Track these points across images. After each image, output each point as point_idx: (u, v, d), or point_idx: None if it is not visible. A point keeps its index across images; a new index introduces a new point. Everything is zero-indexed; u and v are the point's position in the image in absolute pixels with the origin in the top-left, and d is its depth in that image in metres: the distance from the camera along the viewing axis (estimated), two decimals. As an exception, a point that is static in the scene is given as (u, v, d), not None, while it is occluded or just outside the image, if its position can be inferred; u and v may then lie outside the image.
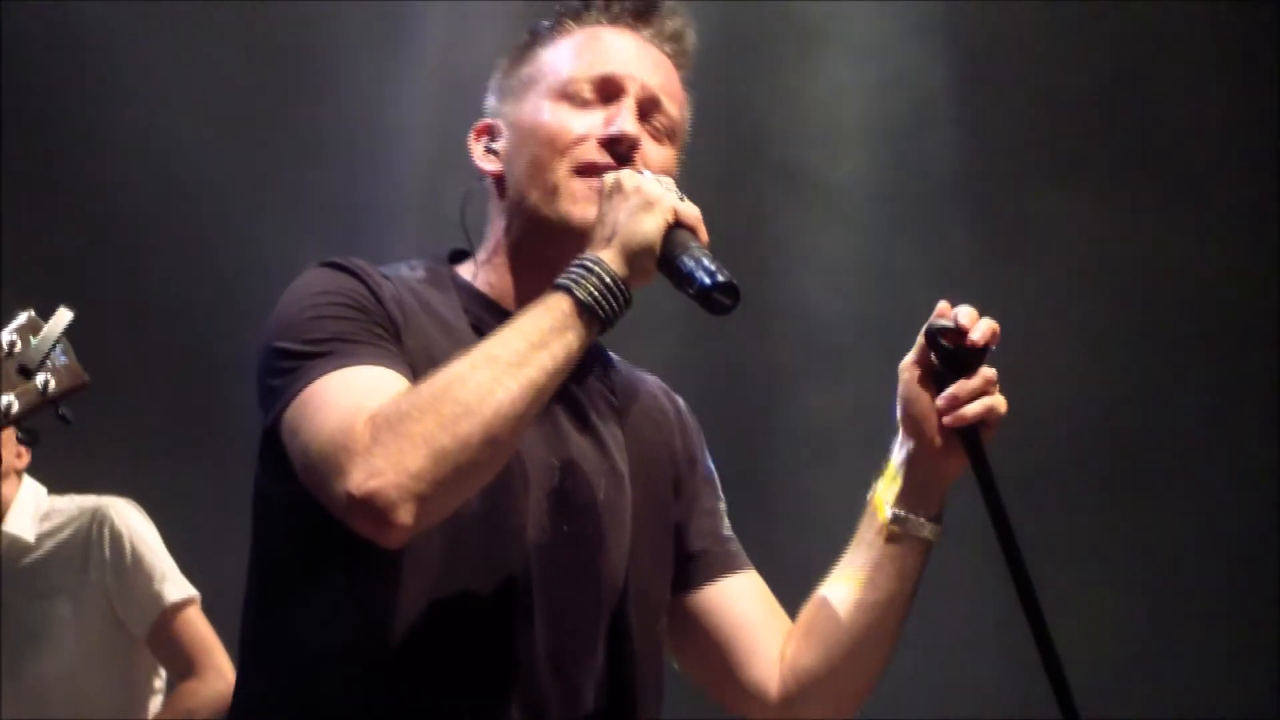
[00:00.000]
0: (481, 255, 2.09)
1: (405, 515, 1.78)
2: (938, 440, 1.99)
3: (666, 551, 2.11)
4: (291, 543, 1.97)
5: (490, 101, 2.13)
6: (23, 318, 1.98)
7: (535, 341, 1.84)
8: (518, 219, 2.04)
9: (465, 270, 2.09)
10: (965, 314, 1.99)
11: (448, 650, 1.92)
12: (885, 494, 2.05)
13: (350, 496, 1.78)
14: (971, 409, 1.95)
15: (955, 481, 2.03)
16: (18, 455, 3.95)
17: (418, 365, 1.91)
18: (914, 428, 2.01)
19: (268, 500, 2.00)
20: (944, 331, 1.97)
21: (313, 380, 1.87)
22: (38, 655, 4.01)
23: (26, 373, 1.96)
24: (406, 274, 2.06)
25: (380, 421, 1.80)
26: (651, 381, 2.20)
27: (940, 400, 1.98)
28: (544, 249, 2.00)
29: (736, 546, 2.17)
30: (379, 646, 1.91)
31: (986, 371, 1.98)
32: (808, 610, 2.09)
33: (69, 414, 2.00)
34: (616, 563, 2.04)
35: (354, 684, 1.92)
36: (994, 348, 1.98)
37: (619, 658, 2.03)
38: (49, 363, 1.99)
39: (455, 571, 1.92)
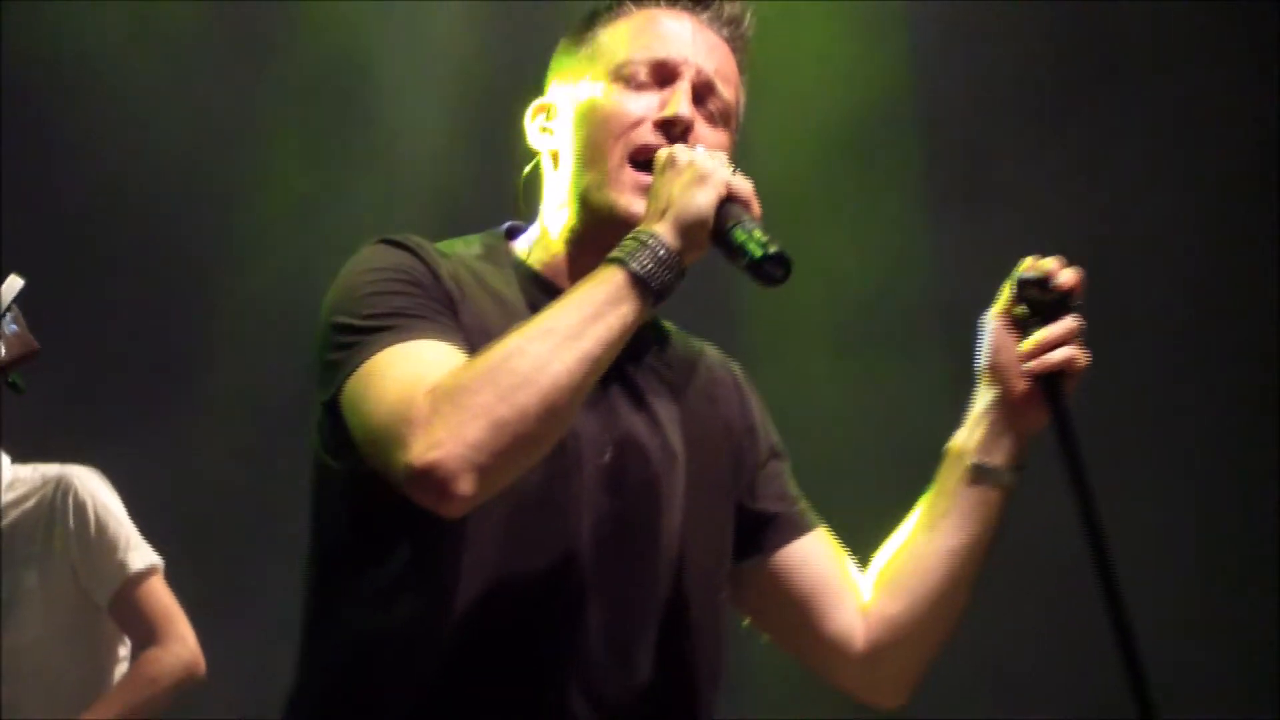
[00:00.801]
0: (535, 232, 2.10)
1: (465, 485, 1.80)
2: (1021, 388, 2.02)
3: (725, 525, 2.12)
4: (352, 520, 1.99)
5: (549, 81, 2.14)
6: None
7: (590, 314, 1.85)
8: (570, 198, 2.05)
9: (521, 245, 2.10)
10: (1053, 263, 2.02)
11: (504, 628, 1.94)
12: (967, 443, 2.07)
13: (411, 468, 1.79)
14: (1054, 356, 1.99)
15: (1036, 433, 2.06)
16: None
17: (474, 340, 1.92)
18: (998, 376, 2.05)
19: (327, 476, 2.01)
20: (1032, 282, 2.01)
21: (373, 354, 1.89)
22: (4, 626, 3.97)
23: None
24: (463, 250, 2.07)
25: (440, 394, 1.81)
26: (709, 353, 2.20)
27: (1025, 346, 2.01)
28: (595, 229, 2.01)
29: (805, 505, 2.19)
30: (438, 624, 1.92)
31: (1071, 321, 2.01)
32: (890, 560, 2.12)
33: (20, 382, 2.01)
34: (670, 538, 2.04)
35: (413, 663, 1.93)
36: (1080, 301, 2.02)
37: (675, 631, 2.04)
38: None
39: (511, 549, 1.94)
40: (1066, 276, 2.01)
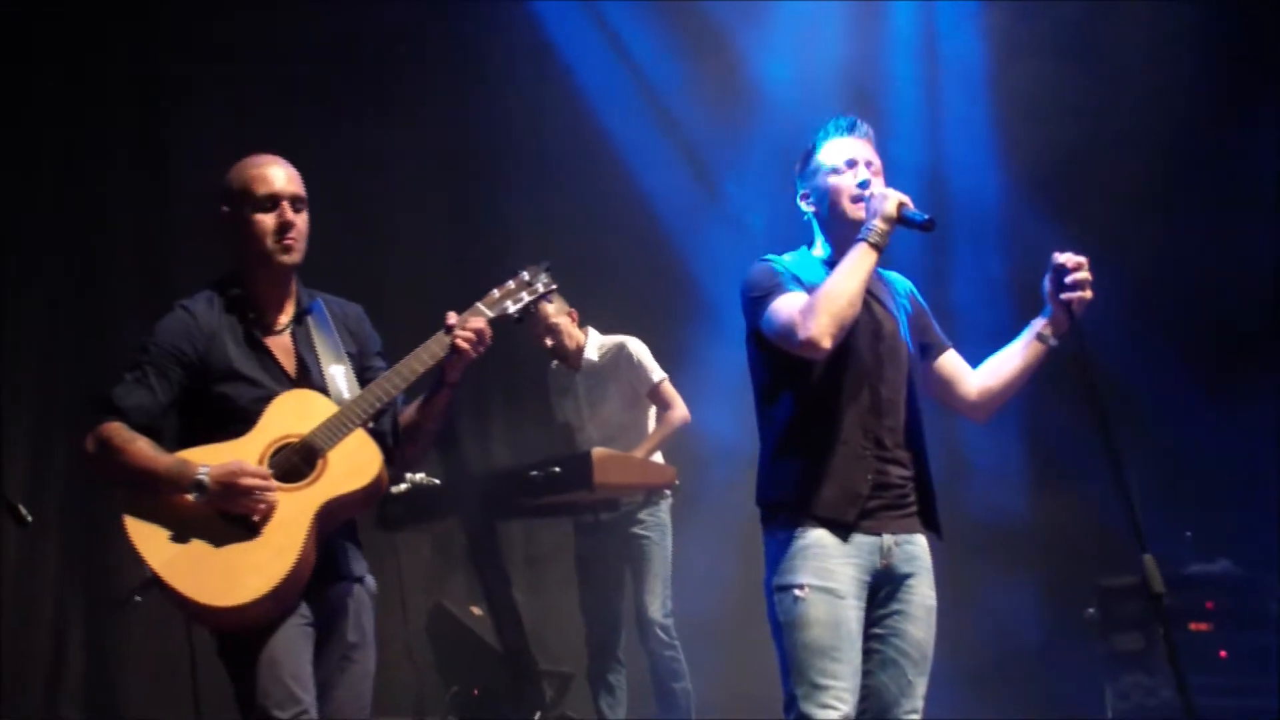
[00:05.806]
0: (815, 242, 3.97)
1: (825, 344, 3.61)
2: (1057, 308, 3.82)
3: (913, 350, 3.92)
4: (772, 373, 3.82)
5: (799, 182, 3.99)
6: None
7: (855, 263, 3.70)
8: (828, 225, 3.94)
9: (814, 248, 3.98)
10: (1068, 259, 3.78)
11: (847, 396, 3.76)
12: (1033, 324, 3.90)
13: (801, 342, 3.60)
14: (1067, 295, 3.78)
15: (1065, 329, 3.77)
16: (569, 319, 6.57)
17: (806, 288, 3.71)
18: (1050, 301, 3.83)
19: (758, 358, 3.83)
20: (1056, 265, 3.77)
21: (771, 302, 3.72)
22: (604, 406, 6.68)
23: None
24: (787, 256, 3.91)
25: (804, 309, 3.62)
26: (902, 278, 4.05)
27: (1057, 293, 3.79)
28: (842, 230, 3.87)
29: (946, 338, 4.03)
30: (823, 400, 3.75)
31: (1079, 276, 3.76)
32: (988, 366, 3.95)
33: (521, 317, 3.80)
34: (903, 354, 3.87)
35: (818, 415, 3.76)
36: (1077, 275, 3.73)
37: (909, 395, 3.90)
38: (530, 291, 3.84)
39: (846, 365, 3.76)
40: (1078, 273, 3.72)
